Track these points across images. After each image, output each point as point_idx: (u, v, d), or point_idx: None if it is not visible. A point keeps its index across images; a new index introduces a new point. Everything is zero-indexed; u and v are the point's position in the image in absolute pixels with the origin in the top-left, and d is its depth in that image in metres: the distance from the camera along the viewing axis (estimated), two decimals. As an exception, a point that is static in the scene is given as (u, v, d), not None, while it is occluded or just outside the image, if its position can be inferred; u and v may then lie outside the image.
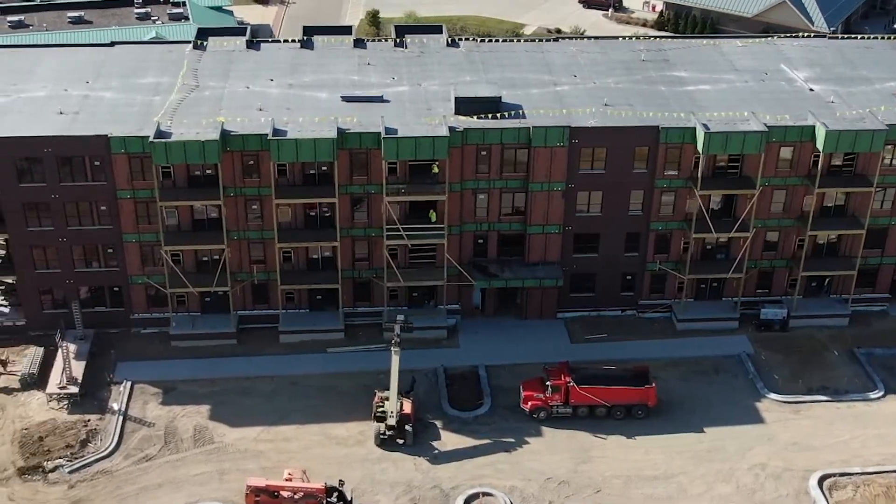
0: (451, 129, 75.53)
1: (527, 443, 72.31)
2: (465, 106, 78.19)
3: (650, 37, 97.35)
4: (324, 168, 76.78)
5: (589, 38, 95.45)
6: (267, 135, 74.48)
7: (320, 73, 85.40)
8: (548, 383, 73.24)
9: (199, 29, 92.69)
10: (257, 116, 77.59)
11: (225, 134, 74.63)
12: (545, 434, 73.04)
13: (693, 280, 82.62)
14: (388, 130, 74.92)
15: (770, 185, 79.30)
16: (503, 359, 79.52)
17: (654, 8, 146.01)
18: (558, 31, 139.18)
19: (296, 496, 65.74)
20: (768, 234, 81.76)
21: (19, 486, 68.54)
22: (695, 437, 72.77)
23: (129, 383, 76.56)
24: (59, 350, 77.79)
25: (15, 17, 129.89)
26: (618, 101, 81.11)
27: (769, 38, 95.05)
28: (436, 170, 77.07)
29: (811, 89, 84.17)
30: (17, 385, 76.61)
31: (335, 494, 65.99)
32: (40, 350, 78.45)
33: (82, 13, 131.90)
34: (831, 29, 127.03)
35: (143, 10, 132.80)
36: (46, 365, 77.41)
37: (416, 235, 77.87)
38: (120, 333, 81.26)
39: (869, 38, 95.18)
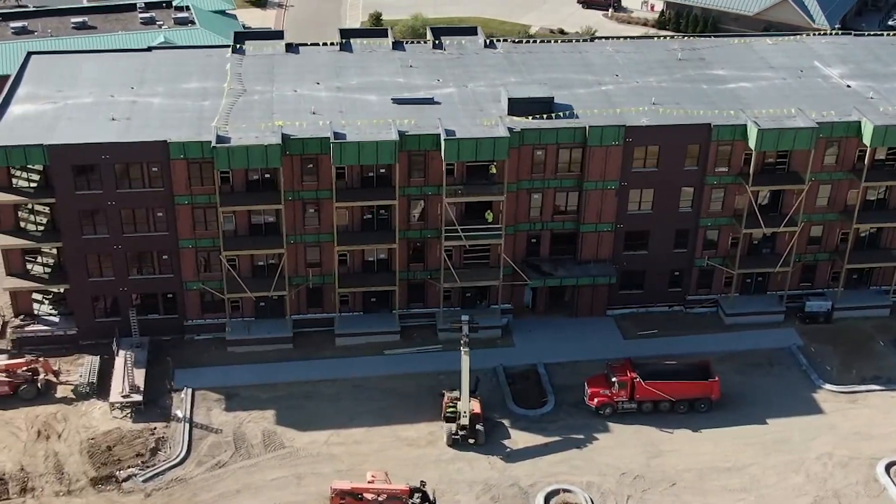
0: (509, 129, 75.96)
1: (596, 439, 73.02)
2: (518, 106, 78.75)
3: (684, 36, 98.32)
4: (382, 170, 76.91)
5: (623, 38, 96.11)
6: (328, 138, 74.43)
7: (364, 75, 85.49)
8: (614, 379, 74.02)
9: (236, 33, 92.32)
10: (312, 120, 77.53)
11: (285, 137, 74.44)
12: (613, 430, 73.80)
13: (739, 275, 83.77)
14: (447, 132, 75.14)
15: (816, 180, 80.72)
16: (559, 357, 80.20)
17: (652, 7, 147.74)
18: (561, 31, 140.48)
19: (379, 498, 65.84)
20: (812, 228, 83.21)
21: (94, 496, 67.93)
22: (760, 429, 73.96)
23: (190, 390, 76.11)
24: (116, 358, 77.30)
25: (18, 24, 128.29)
26: (664, 100, 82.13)
27: (799, 36, 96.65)
28: (493, 170, 77.53)
29: (848, 85, 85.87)
30: (71, 395, 75.72)
31: (418, 495, 66.08)
32: (96, 359, 77.74)
33: (86, 18, 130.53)
34: (836, 26, 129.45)
35: (147, 15, 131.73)
36: (103, 374, 76.66)
37: (473, 236, 78.25)
38: (173, 340, 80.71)
39: (891, 34, 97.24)
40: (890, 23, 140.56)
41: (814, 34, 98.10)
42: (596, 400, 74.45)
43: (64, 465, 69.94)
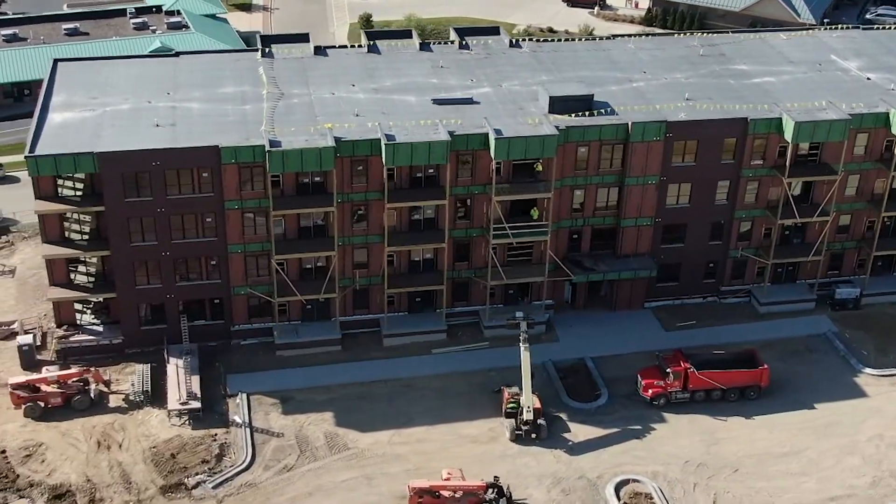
0: (556, 127, 77.01)
1: (654, 429, 74.38)
2: (559, 104, 79.84)
3: (704, 32, 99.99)
4: (430, 171, 77.48)
5: (644, 35, 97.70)
6: (379, 139, 74.81)
7: (398, 77, 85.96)
8: (668, 370, 75.42)
9: (261, 36, 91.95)
10: (356, 122, 77.85)
11: (336, 140, 74.63)
12: (668, 420, 75.23)
13: (772, 265, 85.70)
14: (496, 131, 75.91)
15: (846, 171, 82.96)
16: (604, 350, 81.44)
17: (636, 5, 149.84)
18: (550, 30, 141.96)
19: (456, 495, 66.49)
20: (841, 217, 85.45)
21: (166, 504, 67.71)
22: (809, 414, 75.91)
23: (244, 395, 75.95)
24: (167, 366, 76.93)
25: (9, 31, 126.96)
26: (697, 96, 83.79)
27: (810, 31, 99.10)
28: (539, 168, 78.49)
29: (868, 78, 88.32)
30: (123, 404, 75.22)
31: (494, 490, 66.83)
32: (146, 367, 77.24)
33: (77, 25, 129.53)
34: (824, 21, 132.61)
35: (139, 20, 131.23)
36: (155, 382, 76.22)
37: (520, 233, 79.15)
38: (220, 346, 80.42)
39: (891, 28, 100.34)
40: (868, 17, 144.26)
41: (822, 28, 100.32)
42: (650, 391, 75.80)
43: (130, 475, 69.46)
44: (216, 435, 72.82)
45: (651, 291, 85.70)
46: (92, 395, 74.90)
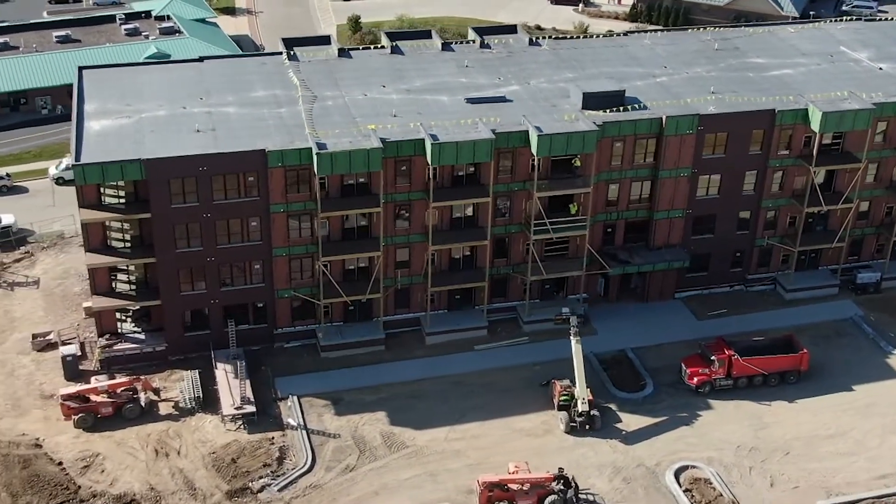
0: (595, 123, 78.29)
1: (702, 416, 75.97)
2: (593, 101, 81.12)
3: (717, 27, 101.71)
4: (471, 169, 78.28)
5: (659, 30, 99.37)
6: (423, 139, 75.46)
7: (426, 77, 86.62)
8: (713, 358, 77.02)
9: (284, 40, 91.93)
10: (394, 122, 78.40)
11: (381, 141, 75.12)
12: (714, 407, 76.84)
13: (796, 252, 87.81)
14: (536, 128, 76.89)
15: (867, 159, 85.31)
16: (643, 341, 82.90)
17: (619, 1, 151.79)
18: (538, 27, 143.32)
19: (524, 487, 67.40)
20: (861, 203, 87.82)
21: (234, 509, 67.70)
22: (849, 396, 78.04)
23: (295, 397, 76.09)
24: (216, 371, 76.90)
25: (0, 39, 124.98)
26: (721, 89, 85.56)
27: (816, 23, 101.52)
28: (577, 163, 79.66)
29: (880, 68, 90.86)
30: (174, 411, 75.05)
31: (560, 481, 67.88)
32: (195, 373, 77.02)
33: (69, 32, 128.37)
34: (810, 14, 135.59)
35: (131, 27, 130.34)
36: (203, 387, 76.05)
37: (560, 229, 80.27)
38: (263, 349, 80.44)
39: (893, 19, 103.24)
40: (844, 8, 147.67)
41: (831, 19, 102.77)
42: (696, 379, 77.36)
43: (193, 481, 69.32)
44: (273, 438, 72.90)
45: (680, 282, 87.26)
46: (142, 403, 74.52)
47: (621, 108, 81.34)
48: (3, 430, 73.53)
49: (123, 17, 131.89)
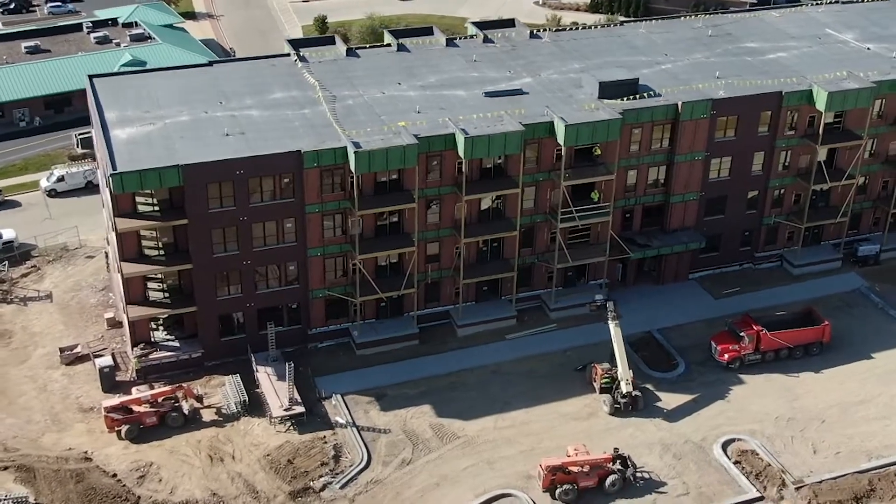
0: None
1: (736, 391, 78.34)
2: (609, 90, 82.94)
3: (706, 13, 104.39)
4: (499, 161, 79.51)
5: (652, 19, 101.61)
6: (453, 134, 76.46)
7: (439, 73, 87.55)
8: (742, 334, 79.48)
9: (289, 41, 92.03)
10: (421, 118, 79.17)
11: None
12: (746, 381, 79.30)
13: (801, 229, 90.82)
14: (561, 119, 78.38)
15: (867, 135, 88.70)
16: (666, 322, 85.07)
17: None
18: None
19: (585, 468, 68.93)
20: (860, 179, 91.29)
21: (299, 509, 67.99)
22: (870, 363, 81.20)
23: (339, 396, 76.49)
24: (257, 374, 76.98)
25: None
26: (725, 74, 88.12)
27: (799, 7, 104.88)
28: (598, 152, 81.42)
29: (868, 48, 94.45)
30: (217, 417, 74.91)
31: (618, 461, 69.61)
32: (237, 378, 76.87)
33: (37, 42, 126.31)
34: (770, 0, 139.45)
35: (100, 34, 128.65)
36: (247, 391, 76.10)
37: (585, 216, 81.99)
38: (298, 350, 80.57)
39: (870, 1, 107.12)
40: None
41: (812, 4, 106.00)
42: (727, 355, 79.72)
43: (254, 484, 69.35)
44: (325, 437, 73.21)
45: (694, 263, 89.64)
46: (185, 411, 74.21)
47: (637, 96, 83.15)
48: (48, 446, 72.63)
49: (91, 25, 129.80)
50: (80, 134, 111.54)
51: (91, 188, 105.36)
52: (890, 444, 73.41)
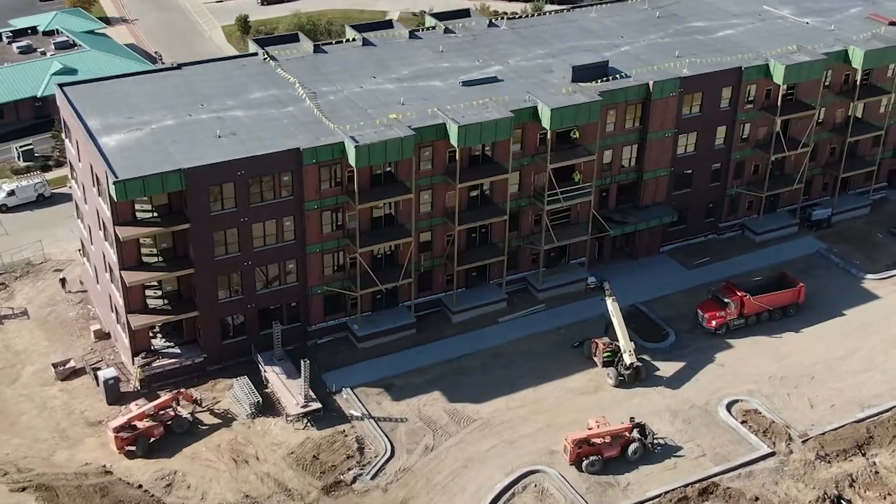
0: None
1: (727, 354, 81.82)
2: (581, 73, 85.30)
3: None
4: (487, 149, 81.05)
5: (599, 4, 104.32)
6: (444, 124, 77.68)
7: (409, 65, 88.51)
8: (727, 301, 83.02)
9: (254, 40, 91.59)
10: (407, 110, 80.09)
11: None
12: (734, 345, 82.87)
13: (760, 198, 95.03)
14: (545, 104, 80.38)
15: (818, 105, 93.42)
16: (647, 295, 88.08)
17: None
18: (423, 13, 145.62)
19: (607, 439, 71.27)
20: (811, 146, 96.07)
21: (334, 503, 68.36)
22: (843, 320, 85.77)
23: (349, 390, 77.02)
24: (265, 374, 76.95)
25: None
26: (684, 52, 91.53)
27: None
28: (576, 135, 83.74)
29: (807, 22, 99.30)
30: (227, 418, 74.71)
31: (637, 430, 72.19)
32: (245, 379, 76.60)
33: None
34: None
35: (23, 44, 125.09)
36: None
37: (570, 197, 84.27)
38: (298, 348, 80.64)
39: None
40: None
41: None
42: (714, 322, 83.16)
43: (284, 482, 69.45)
44: (344, 431, 73.67)
45: (663, 236, 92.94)
46: (186, 415, 73.71)
47: (608, 78, 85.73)
48: (62, 463, 71.25)
49: (11, 35, 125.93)
50: (21, 146, 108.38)
51: (41, 201, 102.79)
52: (878, 394, 77.88)
